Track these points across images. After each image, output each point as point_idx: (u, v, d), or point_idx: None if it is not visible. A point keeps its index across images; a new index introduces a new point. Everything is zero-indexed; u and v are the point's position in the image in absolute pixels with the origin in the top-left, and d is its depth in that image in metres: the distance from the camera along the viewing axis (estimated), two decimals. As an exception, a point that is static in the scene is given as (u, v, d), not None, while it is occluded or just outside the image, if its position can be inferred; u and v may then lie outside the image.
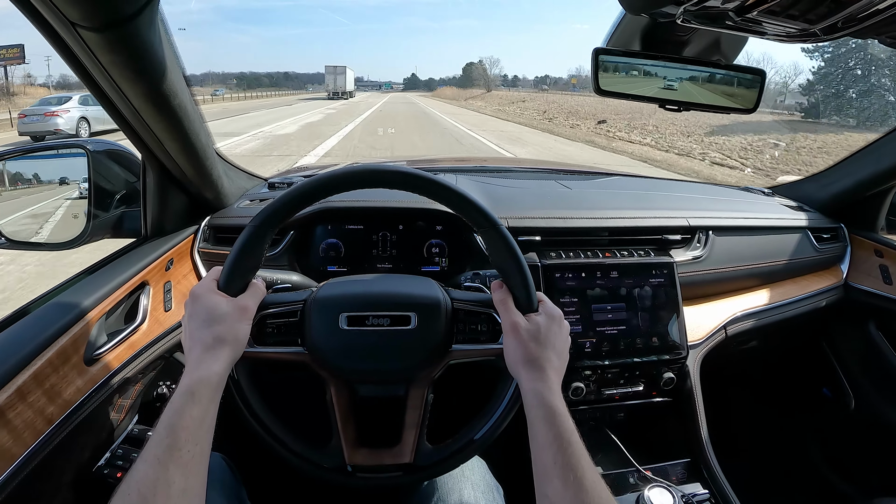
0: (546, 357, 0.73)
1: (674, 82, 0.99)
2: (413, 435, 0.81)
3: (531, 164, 2.27)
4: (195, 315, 0.70)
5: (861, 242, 1.60)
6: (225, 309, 0.71)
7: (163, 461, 0.56)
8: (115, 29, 0.68)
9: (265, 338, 0.78)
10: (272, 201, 0.76)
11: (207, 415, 0.63)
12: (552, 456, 0.64)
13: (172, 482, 0.56)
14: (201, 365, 0.66)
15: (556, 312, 0.78)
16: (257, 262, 0.76)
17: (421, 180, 0.76)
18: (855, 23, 0.66)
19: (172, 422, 0.60)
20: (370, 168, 0.78)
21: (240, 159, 1.54)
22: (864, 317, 1.59)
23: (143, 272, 1.02)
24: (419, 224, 1.27)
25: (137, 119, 0.90)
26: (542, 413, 0.68)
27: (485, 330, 0.81)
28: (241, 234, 0.75)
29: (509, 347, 0.75)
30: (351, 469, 0.80)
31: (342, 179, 0.76)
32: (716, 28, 0.78)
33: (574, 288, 1.19)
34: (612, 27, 1.01)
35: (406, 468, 0.81)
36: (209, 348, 0.68)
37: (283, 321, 0.79)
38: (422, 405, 0.81)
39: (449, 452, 0.82)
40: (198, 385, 0.64)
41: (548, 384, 0.71)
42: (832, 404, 1.70)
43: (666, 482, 1.11)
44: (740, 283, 1.46)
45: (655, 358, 1.20)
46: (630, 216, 1.33)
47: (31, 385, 0.75)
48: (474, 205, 0.77)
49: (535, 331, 0.74)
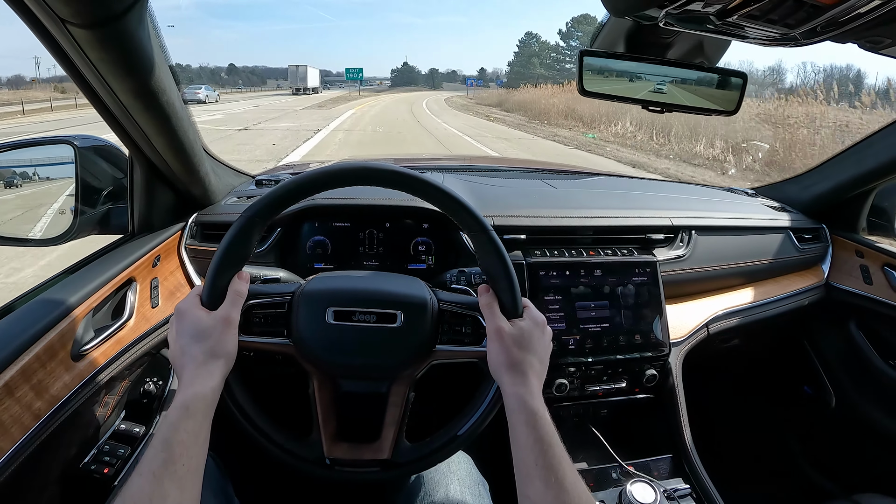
0: (528, 362, 0.75)
1: (662, 86, 1.00)
2: (393, 432, 0.82)
3: (518, 163, 2.29)
4: (182, 332, 0.71)
5: (842, 243, 1.63)
6: (210, 323, 0.71)
7: (158, 476, 0.57)
8: (104, 26, 0.69)
9: (251, 327, 0.79)
10: (269, 192, 0.77)
11: (202, 429, 0.65)
12: (534, 458, 0.66)
13: (167, 496, 0.57)
14: (196, 381, 0.67)
15: (541, 319, 0.80)
16: (245, 256, 0.77)
17: (415, 181, 0.77)
18: (835, 27, 0.67)
19: (168, 436, 0.61)
20: (366, 166, 0.78)
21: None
22: (845, 316, 1.62)
23: (130, 268, 1.02)
24: (406, 222, 1.28)
25: (125, 115, 0.90)
26: (523, 417, 0.69)
27: (469, 332, 0.82)
28: (234, 225, 0.75)
29: (493, 351, 0.76)
30: (329, 462, 0.81)
31: (338, 175, 0.77)
32: (698, 31, 0.79)
33: (558, 286, 1.20)
34: (597, 29, 1.03)
35: (384, 464, 0.82)
36: (202, 364, 0.69)
37: (270, 311, 0.80)
38: (403, 403, 0.82)
39: (428, 451, 0.83)
40: (193, 400, 0.65)
41: (529, 388, 0.72)
42: (813, 402, 1.73)
43: (648, 477, 1.13)
44: (723, 283, 1.48)
45: (638, 355, 1.22)
46: (614, 215, 1.35)
47: (18, 380, 0.76)
48: (466, 208, 0.78)
49: (519, 336, 0.75)
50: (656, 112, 1.02)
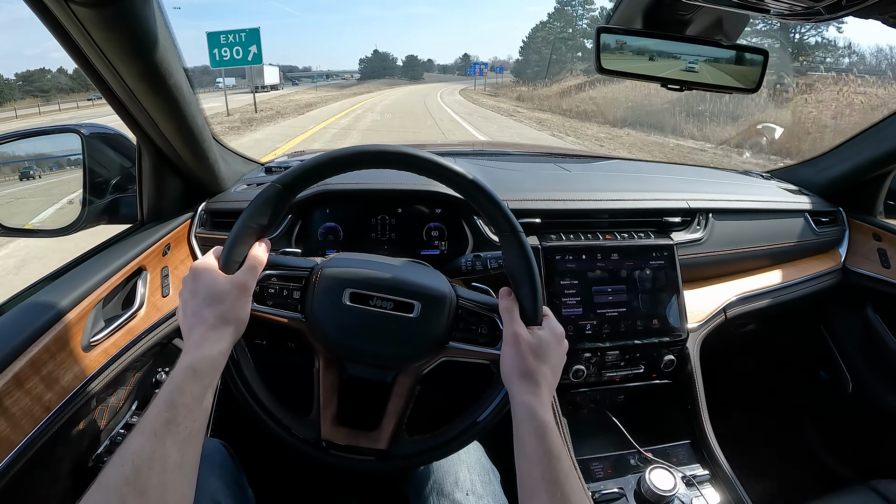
0: (542, 372, 0.73)
1: (695, 64, 0.98)
2: (393, 423, 0.81)
3: (530, 148, 2.26)
4: (196, 292, 0.70)
5: (859, 226, 1.60)
6: (226, 287, 0.70)
7: (160, 435, 0.56)
8: (109, 4, 0.67)
9: (266, 298, 0.78)
10: (299, 164, 0.75)
11: (207, 393, 0.63)
12: (541, 471, 0.64)
13: (168, 456, 0.56)
14: (204, 343, 0.66)
15: (559, 330, 0.79)
16: (267, 227, 0.76)
17: (450, 172, 0.76)
18: (858, 2, 0.65)
19: (173, 397, 0.60)
20: (401, 150, 0.76)
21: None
22: (862, 300, 1.60)
23: (139, 258, 1.01)
24: (418, 207, 1.26)
25: (132, 100, 0.88)
26: (532, 427, 0.68)
27: (485, 333, 0.81)
28: (260, 192, 0.74)
29: (507, 356, 0.74)
30: (325, 444, 0.80)
31: (371, 155, 0.75)
32: (719, 6, 0.77)
33: (574, 270, 1.18)
34: (615, 5, 1.00)
35: (380, 454, 0.81)
36: (213, 328, 0.67)
37: (287, 284, 0.79)
38: (407, 395, 0.81)
39: (425, 447, 0.82)
40: (200, 363, 0.64)
41: (540, 399, 0.71)
42: (829, 387, 1.72)
43: (667, 463, 1.12)
44: (739, 266, 1.46)
45: (656, 340, 1.21)
46: (630, 198, 1.33)
47: (28, 372, 0.75)
48: (500, 208, 0.77)
49: (536, 345, 0.74)
50: (675, 90, 1.00)
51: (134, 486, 0.52)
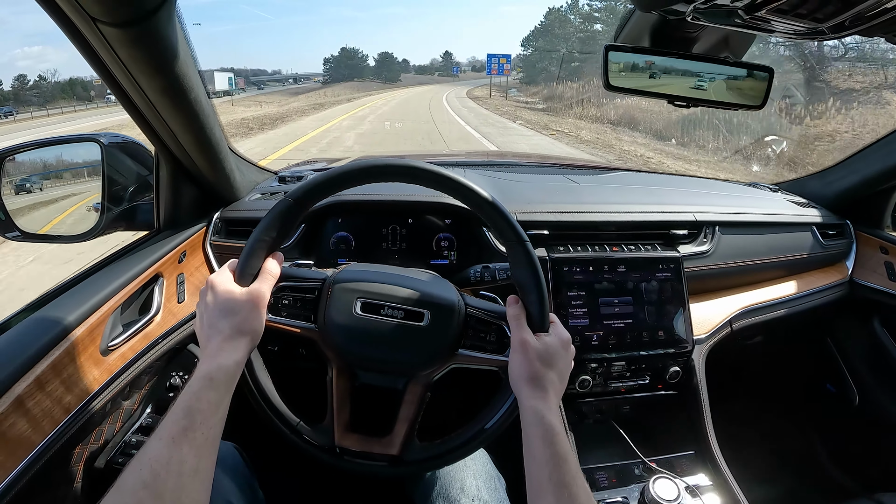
0: (549, 378, 0.75)
1: (703, 82, 0.99)
2: (404, 429, 0.82)
3: (538, 158, 2.27)
4: (213, 305, 0.73)
5: (867, 239, 1.60)
6: (241, 299, 0.73)
7: (177, 441, 0.59)
8: (135, 24, 0.70)
9: (280, 309, 0.80)
10: (311, 178, 0.78)
11: (223, 401, 0.66)
12: (548, 473, 0.66)
13: (185, 461, 0.58)
14: (220, 354, 0.68)
15: (566, 336, 0.80)
16: (281, 239, 0.78)
17: (458, 185, 0.78)
18: (862, 21, 0.66)
19: (190, 404, 0.62)
20: (409, 164, 0.78)
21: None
22: (869, 313, 1.59)
23: (156, 264, 1.03)
24: (429, 218, 1.28)
25: (153, 113, 0.91)
26: (540, 431, 0.69)
27: (493, 340, 0.83)
28: (275, 206, 0.77)
29: (515, 363, 0.76)
30: (339, 451, 0.82)
31: (380, 169, 0.78)
32: (725, 26, 0.78)
33: (581, 281, 1.20)
34: (622, 23, 1.02)
35: (392, 460, 0.82)
36: (229, 338, 0.70)
37: (300, 296, 0.81)
38: (417, 401, 0.83)
39: (436, 452, 0.84)
40: (217, 372, 0.66)
41: (548, 404, 0.72)
42: (836, 400, 1.71)
43: (671, 473, 1.12)
44: (746, 279, 1.46)
45: (661, 351, 1.22)
46: (637, 210, 1.34)
47: (49, 374, 0.77)
48: (506, 218, 0.79)
49: (544, 351, 0.76)
50: (682, 107, 1.02)
51: (151, 490, 0.55)
